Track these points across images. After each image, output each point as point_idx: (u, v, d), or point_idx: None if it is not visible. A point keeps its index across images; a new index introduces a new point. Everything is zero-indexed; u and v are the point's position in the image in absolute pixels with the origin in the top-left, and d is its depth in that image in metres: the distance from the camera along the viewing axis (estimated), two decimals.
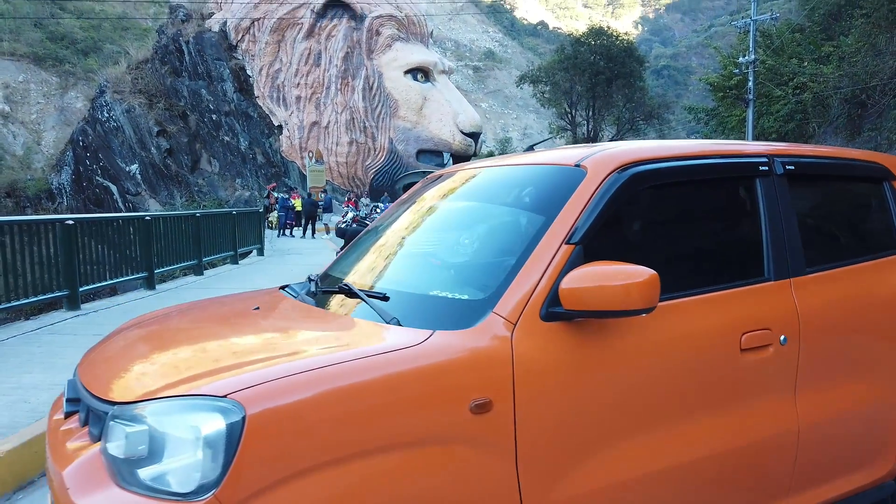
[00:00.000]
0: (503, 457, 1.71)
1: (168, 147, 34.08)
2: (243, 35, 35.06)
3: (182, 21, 36.87)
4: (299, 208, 23.82)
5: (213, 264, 12.31)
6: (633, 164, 2.08)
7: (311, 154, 32.69)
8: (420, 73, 34.09)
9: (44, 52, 56.93)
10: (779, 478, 2.21)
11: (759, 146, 2.51)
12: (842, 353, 2.37)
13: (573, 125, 40.95)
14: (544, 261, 1.87)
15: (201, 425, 1.48)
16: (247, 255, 14.54)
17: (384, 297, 2.02)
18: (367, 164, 34.26)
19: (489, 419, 1.69)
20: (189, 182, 34.17)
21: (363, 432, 1.56)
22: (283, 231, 23.36)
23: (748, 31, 25.99)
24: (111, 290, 9.27)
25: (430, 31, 37.61)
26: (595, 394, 1.86)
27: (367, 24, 34.01)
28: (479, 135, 34.96)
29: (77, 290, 7.34)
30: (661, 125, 40.44)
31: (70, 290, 7.26)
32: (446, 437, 1.65)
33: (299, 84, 34.44)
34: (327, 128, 34.27)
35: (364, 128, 34.00)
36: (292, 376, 1.55)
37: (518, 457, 1.73)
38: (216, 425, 1.47)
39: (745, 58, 24.99)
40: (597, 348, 1.87)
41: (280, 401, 1.51)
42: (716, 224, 2.39)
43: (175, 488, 1.47)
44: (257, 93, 34.83)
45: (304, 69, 34.39)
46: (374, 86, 33.90)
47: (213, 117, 35.18)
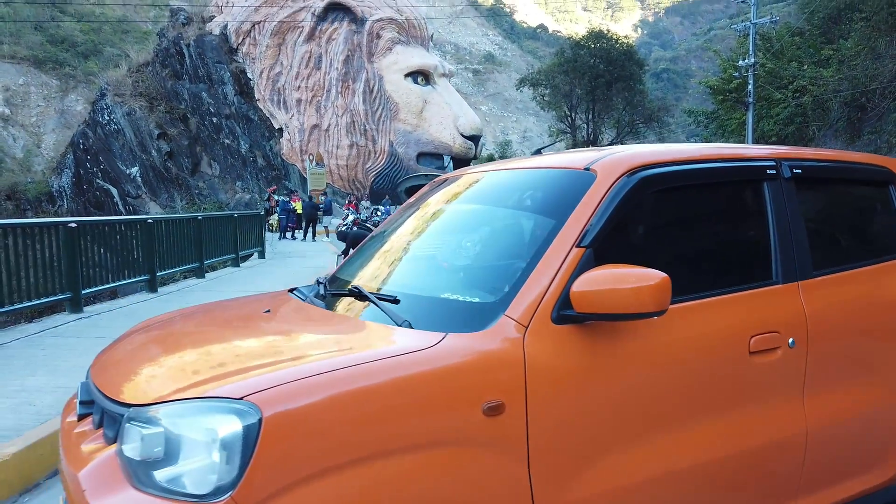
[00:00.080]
0: (515, 459, 1.72)
1: (168, 150, 34.11)
2: (244, 38, 35.12)
3: (183, 24, 36.94)
4: (300, 211, 23.88)
5: (214, 267, 12.30)
6: (642, 168, 2.09)
7: (311, 157, 32.72)
8: (420, 76, 34.15)
9: (44, 55, 56.98)
10: (787, 480, 2.22)
11: (767, 150, 2.52)
12: (849, 356, 2.38)
13: (573, 128, 41.02)
14: (555, 264, 1.88)
15: (218, 427, 1.48)
16: (248, 257, 14.55)
17: (394, 300, 2.02)
18: (367, 167, 34.30)
19: (501, 421, 1.70)
20: (189, 185, 34.19)
21: (378, 434, 1.57)
22: (284, 234, 23.40)
23: (748, 35, 26.06)
24: (111, 294, 9.26)
25: (430, 35, 37.68)
26: (606, 396, 1.87)
27: (367, 27, 34.08)
28: (479, 138, 35.01)
29: (79, 292, 7.34)
30: (660, 128, 40.51)
31: (73, 293, 7.27)
32: (459, 439, 1.66)
33: (300, 87, 34.50)
34: (328, 131, 34.32)
35: (364, 131, 34.04)
36: (308, 378, 1.56)
37: (530, 459, 1.73)
38: (233, 427, 1.47)
39: (745, 61, 25.05)
40: (607, 351, 1.87)
41: (296, 403, 1.51)
42: (724, 227, 2.40)
43: (191, 490, 1.48)
44: (258, 96, 34.88)
45: (305, 72, 34.45)
46: (375, 89, 33.95)
47: (214, 120, 35.21)
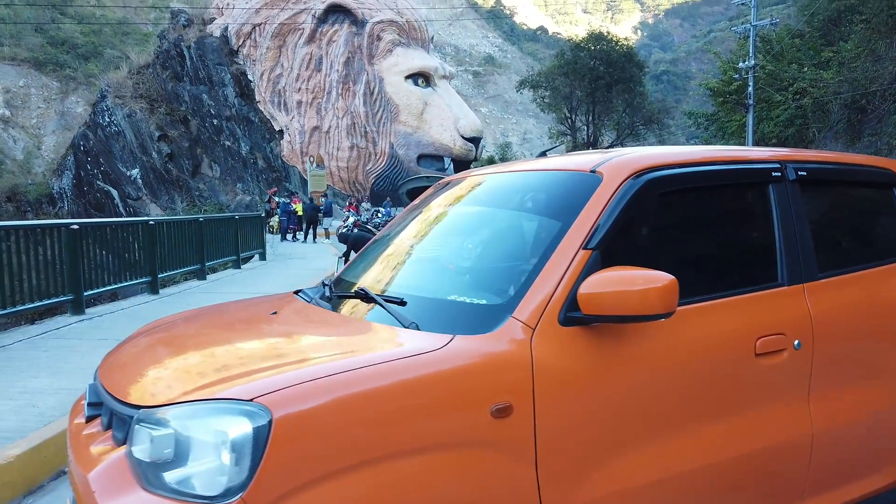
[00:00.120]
0: (523, 461, 1.72)
1: (169, 152, 34.14)
2: (244, 40, 35.17)
3: (183, 26, 37.00)
4: (301, 213, 23.91)
5: (215, 269, 12.30)
6: (647, 170, 2.10)
7: (312, 159, 32.76)
8: (421, 78, 34.20)
9: (44, 56, 57.06)
10: (793, 482, 2.22)
11: (772, 152, 2.52)
12: (855, 358, 2.38)
13: (573, 130, 41.03)
14: (562, 266, 1.88)
15: (228, 429, 1.48)
16: (249, 259, 14.55)
17: (401, 302, 2.02)
18: (367, 168, 34.33)
19: (509, 423, 1.70)
20: (190, 187, 34.20)
21: (388, 436, 1.57)
22: (285, 235, 23.42)
23: (748, 37, 26.09)
24: (112, 296, 9.25)
25: (430, 37, 37.73)
26: (612, 398, 1.87)
27: (368, 29, 34.13)
28: (479, 139, 35.05)
29: (81, 294, 7.35)
30: (660, 130, 40.52)
31: (75, 295, 7.27)
32: (468, 441, 1.66)
33: (300, 89, 34.54)
34: (328, 132, 34.35)
35: (365, 132, 34.07)
36: (317, 380, 1.56)
37: (538, 460, 1.74)
38: (243, 429, 1.48)
39: (745, 63, 25.06)
40: (614, 353, 1.88)
41: (305, 404, 1.52)
42: (729, 229, 2.41)
43: (201, 492, 1.48)
44: (258, 98, 34.92)
45: (306, 74, 34.49)
46: (375, 91, 33.99)
47: (215, 122, 35.24)
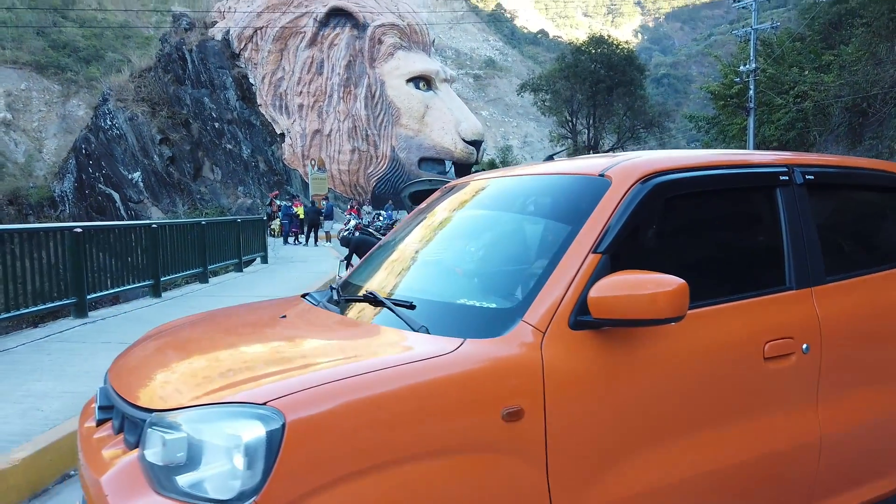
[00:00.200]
0: (534, 464, 1.72)
1: (170, 155, 34.18)
2: (246, 44, 35.24)
3: (185, 30, 37.08)
4: (302, 216, 23.95)
5: (216, 273, 12.29)
6: (656, 174, 2.10)
7: (313, 162, 32.80)
8: (422, 81, 34.25)
9: (46, 60, 57.19)
10: (801, 485, 2.22)
11: (779, 156, 2.53)
12: (863, 361, 2.38)
13: (574, 133, 41.03)
14: (572, 270, 1.88)
15: (241, 433, 1.48)
16: (251, 262, 14.55)
17: (410, 306, 2.03)
18: (369, 171, 34.36)
19: (520, 427, 1.70)
20: (191, 190, 34.23)
21: (399, 439, 1.58)
22: (287, 239, 23.45)
23: (748, 40, 26.12)
24: (113, 299, 9.24)
25: (432, 40, 37.80)
26: (622, 402, 1.87)
27: (369, 32, 34.19)
28: (480, 143, 35.09)
29: (85, 297, 7.35)
30: (661, 133, 40.50)
31: (78, 298, 7.27)
32: (479, 444, 1.66)
33: (302, 92, 34.59)
34: (329, 136, 34.39)
35: (366, 136, 34.11)
36: (330, 383, 1.56)
37: (548, 464, 1.74)
38: (256, 433, 1.47)
39: (746, 66, 25.08)
40: (623, 356, 1.88)
41: (318, 408, 1.52)
42: (737, 233, 2.41)
43: (213, 495, 1.48)
44: (260, 101, 34.98)
45: (307, 77, 34.55)
46: (377, 94, 34.04)
47: (216, 125, 35.29)
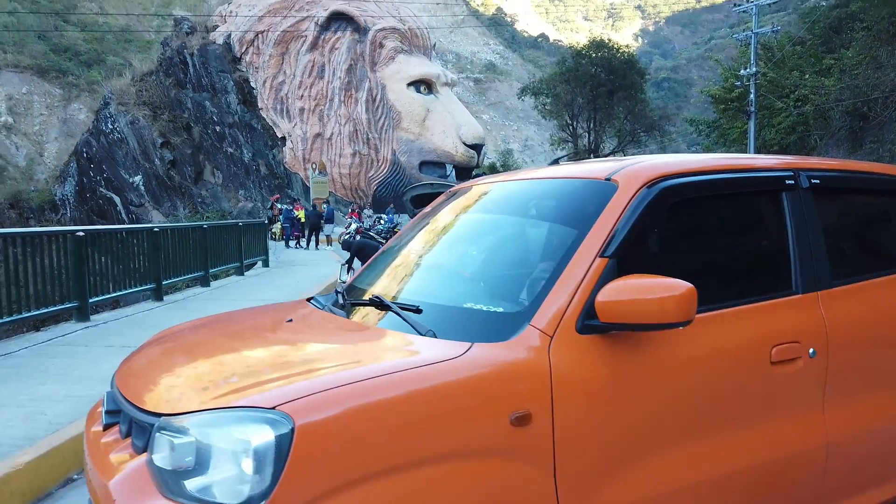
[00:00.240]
0: (541, 469, 1.72)
1: (172, 158, 34.21)
2: (247, 47, 35.31)
3: (186, 34, 37.15)
4: (304, 220, 23.99)
5: (217, 276, 12.29)
6: (662, 178, 2.10)
7: (314, 165, 32.84)
8: (423, 85, 34.27)
9: (47, 63, 57.31)
10: (808, 490, 2.21)
11: (785, 160, 2.53)
12: (869, 366, 2.38)
13: (574, 137, 41.06)
14: (579, 274, 1.88)
15: (250, 437, 1.48)
16: (252, 266, 14.55)
17: (416, 310, 2.02)
18: (370, 175, 34.38)
19: (528, 431, 1.70)
20: (192, 193, 34.26)
21: (409, 444, 1.57)
22: (289, 242, 23.48)
23: (749, 44, 26.18)
24: (114, 303, 9.23)
25: (433, 44, 37.85)
26: (629, 406, 1.87)
27: (370, 36, 34.24)
28: (481, 146, 35.09)
29: (87, 301, 7.34)
30: (662, 137, 40.51)
31: (80, 302, 7.26)
32: (488, 449, 1.66)
33: (303, 96, 34.64)
34: (330, 139, 34.42)
35: (367, 139, 34.14)
36: (339, 388, 1.56)
37: (556, 469, 1.73)
38: (265, 437, 1.47)
39: (747, 70, 25.13)
40: (631, 361, 1.88)
41: (328, 412, 1.51)
42: (743, 237, 2.41)
43: (222, 500, 1.48)
44: (261, 105, 35.02)
45: (308, 81, 34.59)
46: (378, 98, 34.08)
47: (217, 129, 35.33)
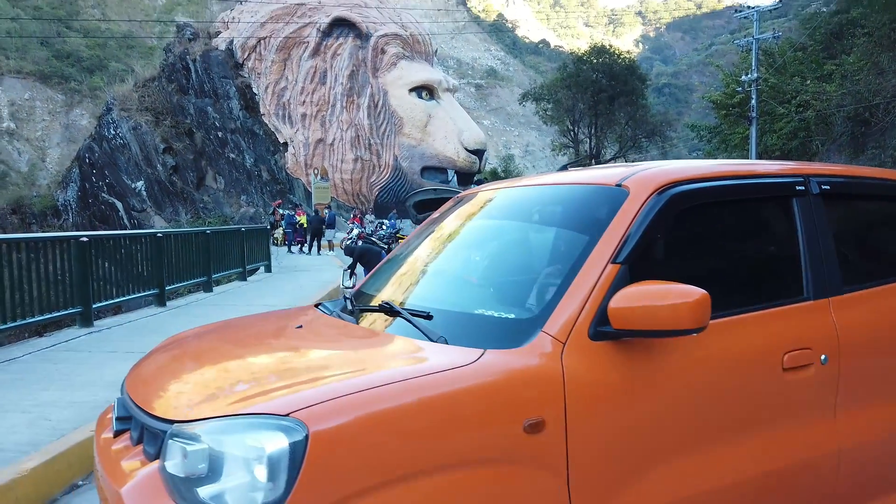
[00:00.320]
0: (555, 476, 1.71)
1: (174, 164, 34.27)
2: (250, 53, 35.42)
3: (189, 40, 37.28)
4: (306, 225, 24.02)
5: (219, 282, 12.30)
6: (673, 185, 2.10)
7: (316, 171, 32.89)
8: (425, 90, 34.35)
9: (49, 69, 57.50)
10: (819, 497, 2.20)
11: (795, 166, 2.53)
12: (881, 373, 2.37)
13: (576, 142, 41.14)
14: (591, 280, 1.87)
15: (264, 444, 1.47)
16: (255, 271, 14.56)
17: (427, 316, 2.01)
18: (371, 180, 34.43)
19: (541, 438, 1.69)
20: (194, 199, 34.30)
21: (423, 451, 1.56)
22: (291, 247, 23.50)
23: (750, 50, 26.23)
24: (116, 308, 9.21)
25: (434, 50, 37.95)
26: (642, 413, 1.86)
27: (372, 42, 34.34)
28: (483, 152, 35.14)
29: (90, 306, 7.34)
30: (663, 142, 40.60)
31: (83, 307, 7.26)
32: (502, 456, 1.65)
33: (305, 102, 34.72)
34: (332, 145, 34.48)
35: (369, 145, 34.20)
36: (353, 394, 1.55)
37: (569, 476, 1.72)
38: (279, 444, 1.46)
39: (748, 76, 25.16)
40: (643, 367, 1.87)
41: (341, 419, 1.50)
42: (754, 243, 2.40)
43: None
44: (263, 110, 35.11)
45: (310, 87, 34.68)
46: (380, 103, 34.15)
47: (219, 135, 35.41)
